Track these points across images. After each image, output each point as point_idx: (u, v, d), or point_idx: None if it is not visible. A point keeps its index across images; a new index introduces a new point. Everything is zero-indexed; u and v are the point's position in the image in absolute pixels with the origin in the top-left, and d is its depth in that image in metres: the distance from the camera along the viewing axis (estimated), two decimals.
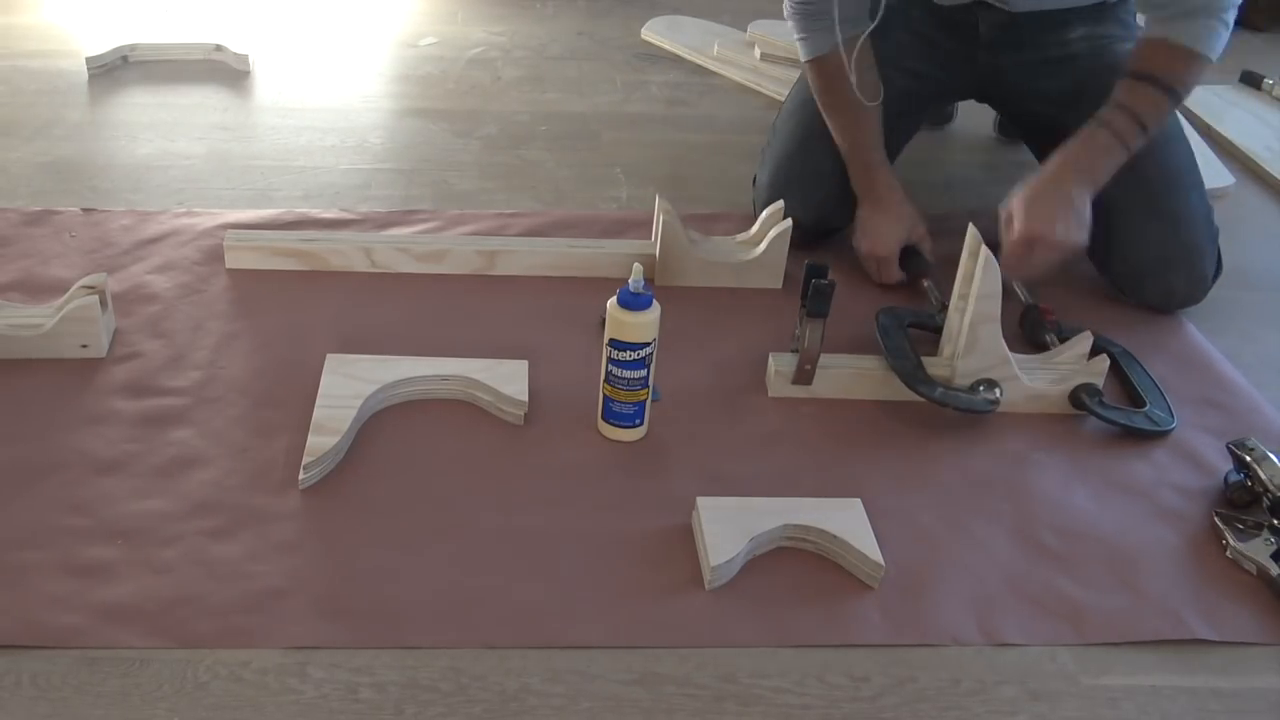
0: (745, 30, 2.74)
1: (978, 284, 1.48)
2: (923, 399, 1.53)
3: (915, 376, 1.54)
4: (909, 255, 1.86)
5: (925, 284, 1.79)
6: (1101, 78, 1.68)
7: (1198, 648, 1.28)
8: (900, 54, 1.83)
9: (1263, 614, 1.32)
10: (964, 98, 2.03)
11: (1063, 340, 1.68)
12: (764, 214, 1.82)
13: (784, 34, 2.63)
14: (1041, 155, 1.77)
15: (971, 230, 1.51)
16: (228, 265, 1.77)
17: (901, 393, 1.56)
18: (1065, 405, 1.59)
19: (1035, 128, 1.91)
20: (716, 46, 2.71)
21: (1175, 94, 1.61)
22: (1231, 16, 1.59)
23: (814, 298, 1.49)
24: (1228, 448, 1.48)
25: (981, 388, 1.54)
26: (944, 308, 1.71)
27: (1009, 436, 1.55)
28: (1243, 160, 2.38)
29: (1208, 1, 1.57)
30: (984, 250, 1.46)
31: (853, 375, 1.59)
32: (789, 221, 1.78)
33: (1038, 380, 1.59)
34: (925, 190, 2.00)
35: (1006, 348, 1.55)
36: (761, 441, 1.53)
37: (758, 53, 2.67)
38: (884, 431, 1.55)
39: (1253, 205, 2.24)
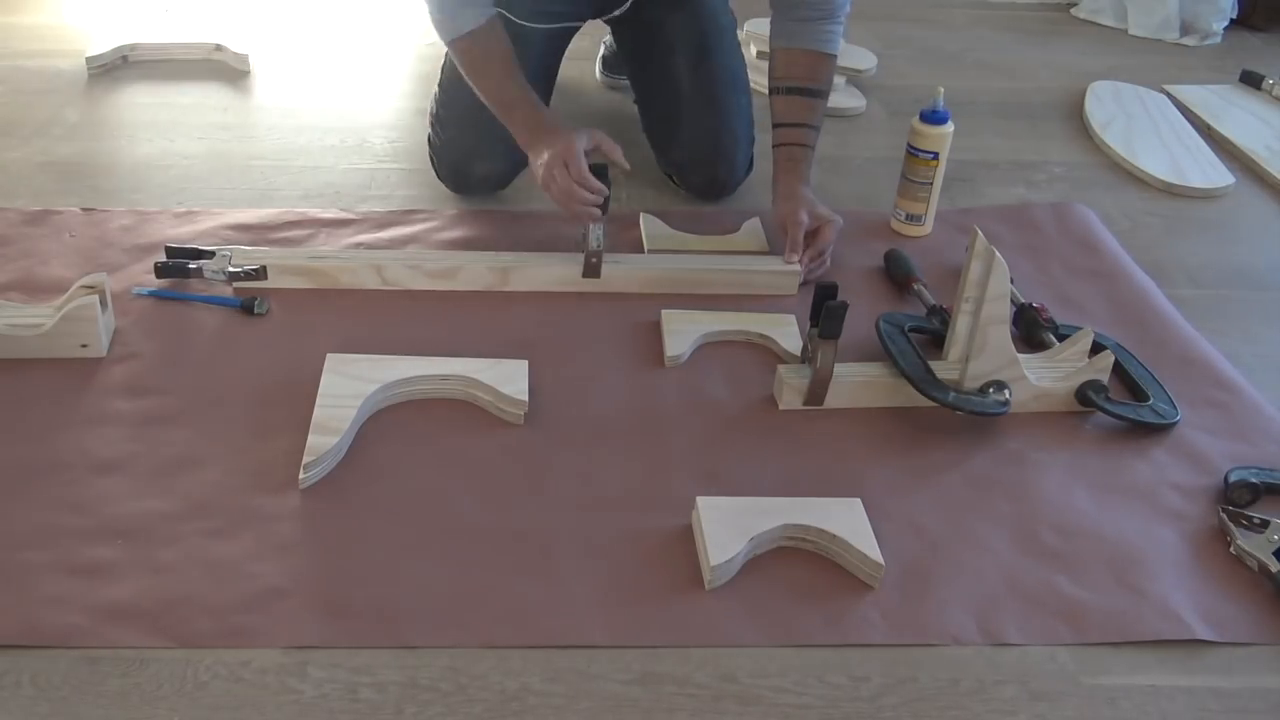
0: (741, 29, 2.74)
1: (988, 286, 1.48)
2: (934, 404, 1.53)
3: (927, 381, 1.53)
4: (895, 259, 1.87)
5: (915, 287, 1.79)
6: None
7: (1198, 648, 1.28)
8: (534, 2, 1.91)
9: (1263, 613, 1.32)
10: (592, 17, 2.11)
11: (1060, 338, 1.69)
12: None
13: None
14: (641, 70, 2.08)
15: (977, 233, 1.51)
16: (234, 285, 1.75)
17: (908, 398, 1.56)
18: (1070, 403, 1.59)
19: (642, 41, 2.05)
20: None
21: (824, 94, 1.89)
22: (845, 16, 1.85)
23: (827, 319, 1.49)
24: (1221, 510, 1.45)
25: (991, 389, 1.54)
26: (934, 310, 1.71)
27: (1009, 436, 1.55)
28: (1243, 160, 2.38)
29: (831, 9, 1.81)
30: (995, 253, 1.46)
31: (861, 384, 1.58)
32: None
33: (1044, 379, 1.59)
34: None
35: (1014, 349, 1.54)
36: (762, 442, 1.53)
37: (754, 50, 2.66)
38: (883, 433, 1.55)
39: (1253, 205, 2.24)
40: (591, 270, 1.76)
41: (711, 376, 1.63)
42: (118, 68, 2.46)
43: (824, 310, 1.48)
